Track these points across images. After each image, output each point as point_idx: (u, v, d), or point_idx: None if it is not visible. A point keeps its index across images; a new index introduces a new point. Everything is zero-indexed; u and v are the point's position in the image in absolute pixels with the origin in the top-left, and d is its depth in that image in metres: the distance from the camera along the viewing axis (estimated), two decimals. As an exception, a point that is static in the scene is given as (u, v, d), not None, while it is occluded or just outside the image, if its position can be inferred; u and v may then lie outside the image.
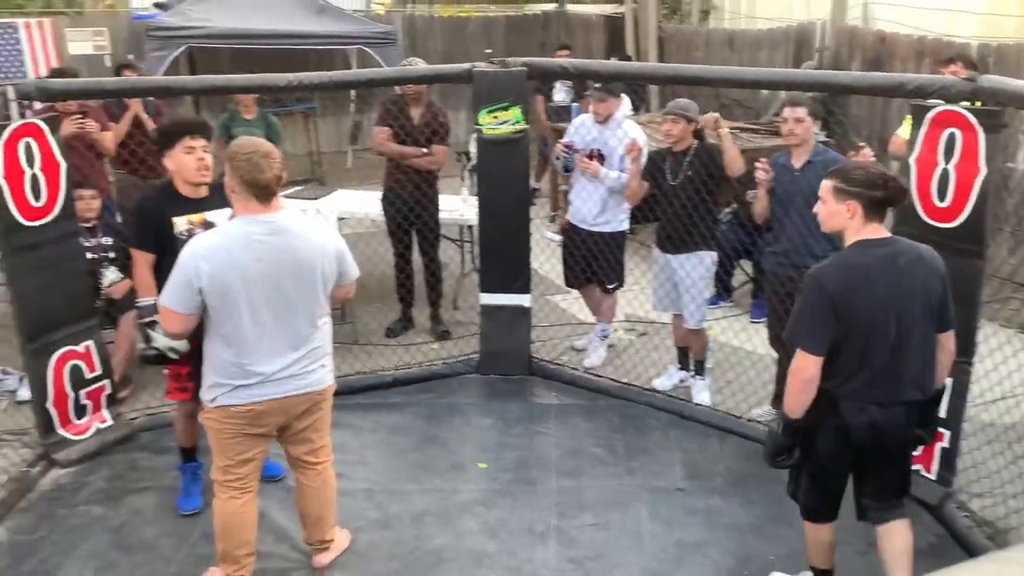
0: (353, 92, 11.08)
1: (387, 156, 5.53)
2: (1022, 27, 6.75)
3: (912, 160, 3.62)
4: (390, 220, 5.63)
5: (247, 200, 2.87)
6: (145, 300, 3.49)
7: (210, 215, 3.50)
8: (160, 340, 3.24)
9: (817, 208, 3.04)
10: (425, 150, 5.39)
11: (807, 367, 2.86)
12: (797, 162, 4.29)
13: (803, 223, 4.19)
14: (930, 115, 3.52)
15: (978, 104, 3.42)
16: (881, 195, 2.86)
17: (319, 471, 3.31)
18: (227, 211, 3.44)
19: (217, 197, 3.41)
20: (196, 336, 3.07)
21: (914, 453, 3.22)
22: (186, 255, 2.86)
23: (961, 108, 3.42)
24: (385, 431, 4.52)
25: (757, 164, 4.40)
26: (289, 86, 4.44)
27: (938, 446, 3.72)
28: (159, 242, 3.44)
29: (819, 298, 2.87)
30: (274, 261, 2.87)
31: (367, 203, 5.98)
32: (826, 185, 2.96)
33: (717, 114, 4.65)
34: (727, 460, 4.27)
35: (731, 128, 6.81)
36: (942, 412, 3.64)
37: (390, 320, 5.83)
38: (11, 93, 3.91)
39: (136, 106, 5.74)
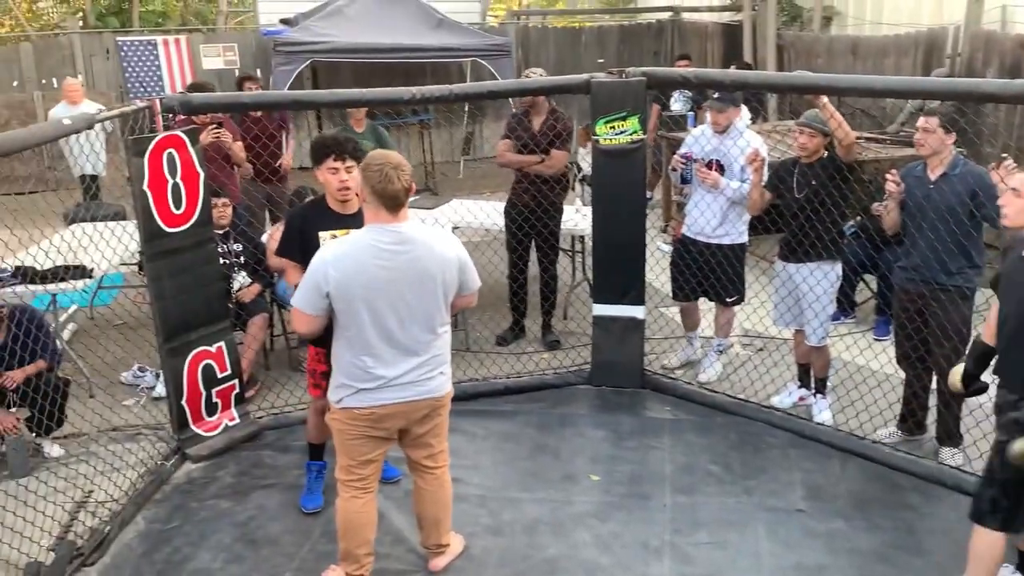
0: (467, 104, 11.28)
1: (507, 166, 5.63)
2: None
3: (1062, 172, 3.39)
4: (510, 230, 5.67)
5: (377, 209, 2.97)
6: None
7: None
8: None
9: (1005, 202, 2.87)
10: (542, 156, 5.43)
11: None
12: (933, 174, 4.10)
13: (937, 238, 4.00)
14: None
15: None
16: None
17: (437, 475, 3.37)
18: None
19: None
20: (327, 337, 3.19)
21: None
22: (316, 260, 3.00)
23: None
24: (497, 438, 4.56)
25: (887, 175, 4.23)
26: (414, 99, 4.55)
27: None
28: (303, 253, 3.50)
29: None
30: (398, 269, 2.96)
31: (480, 212, 6.06)
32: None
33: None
34: (850, 482, 4.10)
35: (856, 138, 6.59)
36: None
37: (501, 328, 5.88)
38: (157, 107, 4.13)
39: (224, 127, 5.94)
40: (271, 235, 5.26)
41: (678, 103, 8.52)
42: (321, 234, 3.57)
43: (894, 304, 4.46)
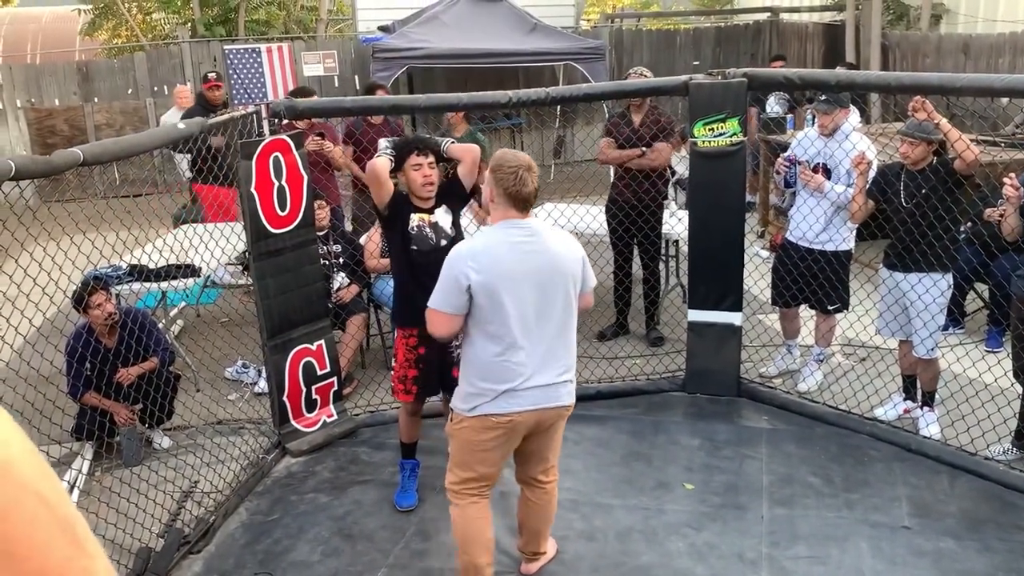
0: (558, 107, 11.29)
1: (609, 163, 5.71)
2: None
3: None
4: (612, 228, 5.73)
5: (507, 209, 2.96)
6: None
7: (435, 214, 3.86)
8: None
9: None
10: (644, 149, 5.42)
11: None
12: (1054, 178, 3.89)
13: (1060, 245, 3.79)
14: None
15: None
16: None
17: (547, 490, 3.30)
18: (444, 207, 3.87)
19: (439, 200, 3.84)
20: (428, 343, 3.21)
21: None
22: (452, 259, 2.95)
23: None
24: (590, 443, 4.53)
25: (1006, 179, 4.03)
26: (510, 103, 4.58)
27: None
28: (398, 221, 3.79)
29: None
30: (533, 262, 2.94)
31: (569, 218, 6.04)
32: None
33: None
34: (960, 500, 3.91)
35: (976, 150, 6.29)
36: None
37: (594, 331, 5.87)
38: (264, 111, 4.28)
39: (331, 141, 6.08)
40: (370, 236, 5.37)
41: (776, 106, 8.32)
42: (412, 215, 3.77)
43: (1012, 314, 4.24)
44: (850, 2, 10.21)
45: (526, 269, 2.92)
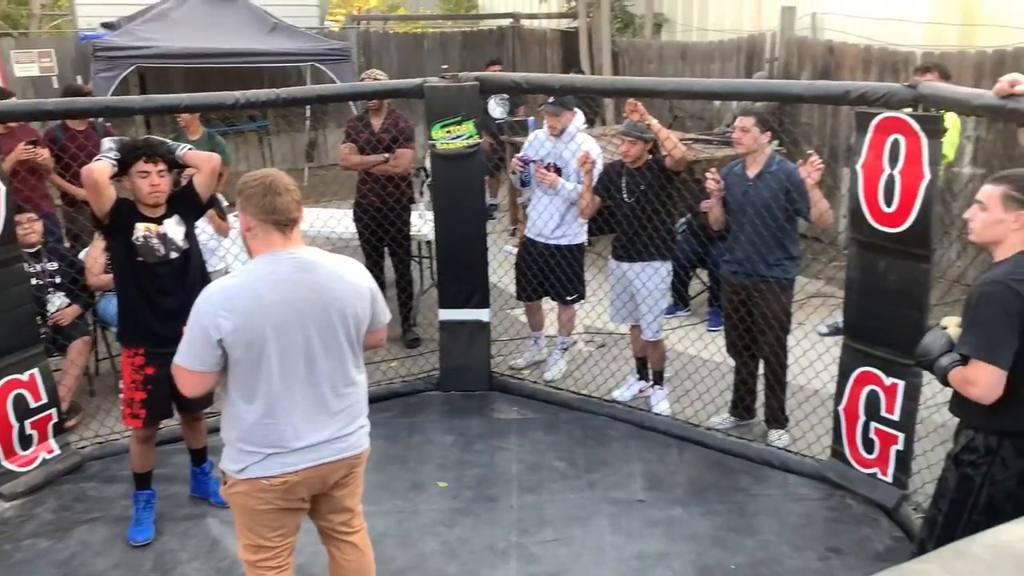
0: (308, 109, 11.03)
1: (352, 169, 5.64)
2: (963, 34, 6.91)
3: (859, 167, 3.67)
4: (361, 233, 5.67)
5: (267, 235, 2.54)
6: None
7: (164, 225, 3.60)
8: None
9: (971, 215, 2.69)
10: (386, 155, 5.41)
11: (994, 383, 2.53)
12: (751, 172, 4.33)
13: (756, 232, 4.23)
14: (874, 122, 3.57)
15: (920, 110, 3.48)
16: None
17: (355, 542, 2.92)
18: (176, 217, 3.61)
19: (170, 209, 3.60)
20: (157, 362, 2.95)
21: None
22: (201, 304, 2.50)
23: (904, 115, 3.48)
24: (343, 452, 4.44)
25: (707, 174, 4.44)
26: (237, 104, 4.38)
27: (892, 449, 3.75)
28: (121, 231, 3.52)
29: (1013, 308, 2.51)
30: (303, 302, 2.52)
31: (325, 221, 5.94)
32: (993, 191, 2.62)
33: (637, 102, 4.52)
34: (687, 469, 4.26)
35: (684, 139, 6.89)
36: (895, 414, 3.70)
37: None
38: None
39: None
40: (89, 253, 4.93)
41: (499, 108, 8.66)
42: (137, 225, 3.52)
43: (721, 296, 4.69)
44: (582, 10, 10.82)
45: (295, 311, 2.51)
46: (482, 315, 5.07)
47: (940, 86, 3.58)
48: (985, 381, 2.53)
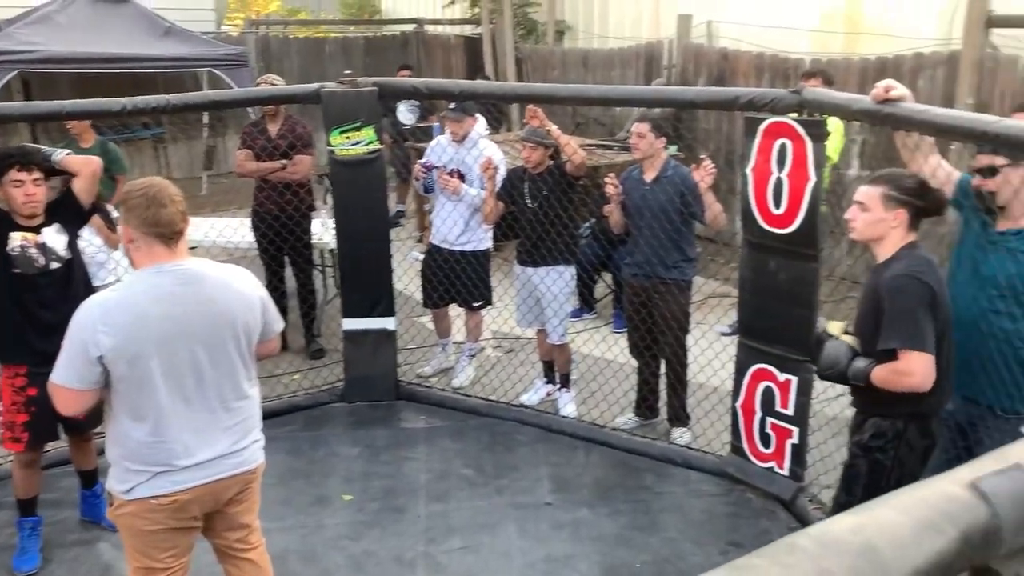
0: (206, 116, 10.73)
1: (248, 176, 5.51)
2: (848, 43, 7.23)
3: (748, 170, 3.79)
4: (259, 242, 5.54)
5: (150, 247, 2.46)
6: None
7: (43, 234, 3.45)
8: None
9: (852, 216, 2.80)
10: (284, 162, 5.30)
11: (930, 368, 2.64)
12: (648, 176, 4.42)
13: (654, 235, 4.32)
14: (762, 127, 3.70)
15: (804, 115, 3.61)
16: (925, 204, 2.73)
17: (254, 559, 2.84)
18: (56, 226, 3.47)
19: (49, 218, 3.46)
20: (40, 382, 2.79)
21: None
22: (79, 319, 2.40)
23: (789, 119, 3.61)
24: (245, 468, 4.32)
25: (606, 179, 4.51)
26: (125, 111, 4.22)
27: (788, 442, 3.88)
28: None
29: (926, 298, 2.65)
30: (189, 316, 2.46)
31: (220, 231, 5.76)
32: (872, 192, 2.74)
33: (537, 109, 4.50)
34: (593, 471, 4.31)
35: (586, 145, 6.98)
36: (789, 409, 3.83)
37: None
38: None
39: None
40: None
41: (409, 113, 8.62)
42: (13, 235, 3.38)
43: (623, 298, 4.77)
44: (485, 17, 10.86)
45: (181, 326, 2.44)
46: (388, 323, 5.02)
47: (823, 92, 3.73)
48: (921, 369, 2.64)
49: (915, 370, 2.65)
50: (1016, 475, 0.60)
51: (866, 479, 2.87)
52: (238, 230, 5.91)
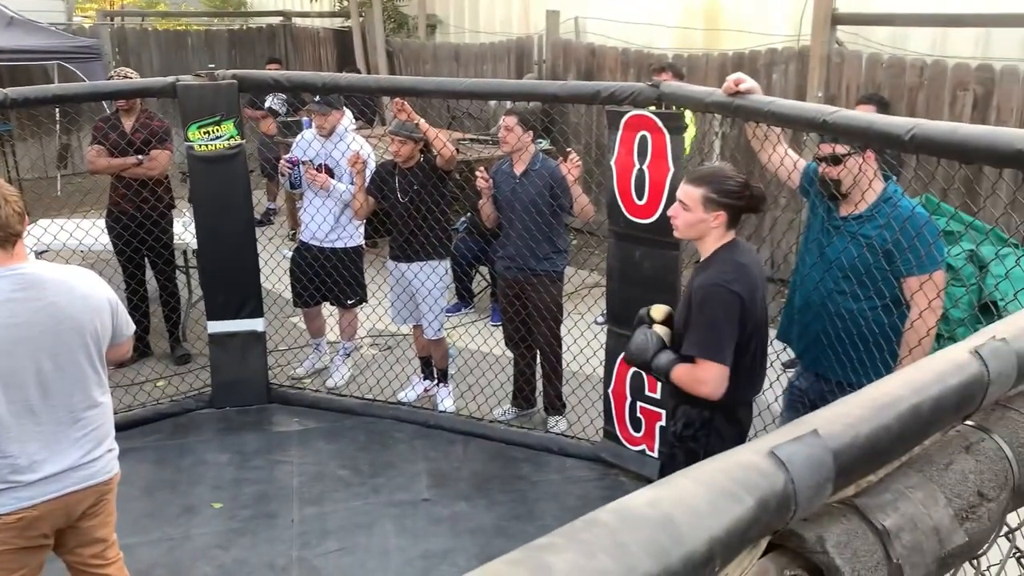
0: (58, 112, 10.10)
1: (101, 172, 5.22)
2: (708, 39, 7.51)
3: (612, 162, 3.87)
4: (115, 244, 5.29)
5: None
6: None
7: None
8: None
9: (675, 213, 2.80)
10: (140, 157, 5.05)
11: (723, 379, 2.68)
12: (518, 170, 4.44)
13: (525, 228, 4.35)
14: (624, 120, 3.78)
15: (662, 108, 3.72)
16: (744, 204, 2.73)
17: (111, 574, 2.73)
18: None
19: None
20: None
21: None
22: None
23: (649, 112, 3.71)
24: (105, 482, 4.10)
25: (477, 172, 4.51)
26: (-47, 106, 3.91)
27: (657, 425, 4.00)
28: None
29: (733, 307, 2.67)
30: (31, 324, 2.33)
31: (72, 233, 5.43)
32: (693, 193, 2.72)
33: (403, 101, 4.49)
34: (471, 464, 4.32)
35: (460, 139, 6.98)
36: (657, 393, 3.94)
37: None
38: None
39: None
40: None
41: (274, 107, 8.41)
42: None
43: (498, 291, 4.79)
44: (354, 10, 10.69)
45: (18, 335, 2.31)
46: (256, 325, 4.87)
47: (679, 85, 3.85)
48: (713, 378, 2.67)
49: (707, 379, 2.69)
50: (812, 440, 0.63)
51: (684, 467, 2.95)
52: (91, 232, 5.59)
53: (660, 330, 2.83)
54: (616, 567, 0.51)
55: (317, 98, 4.97)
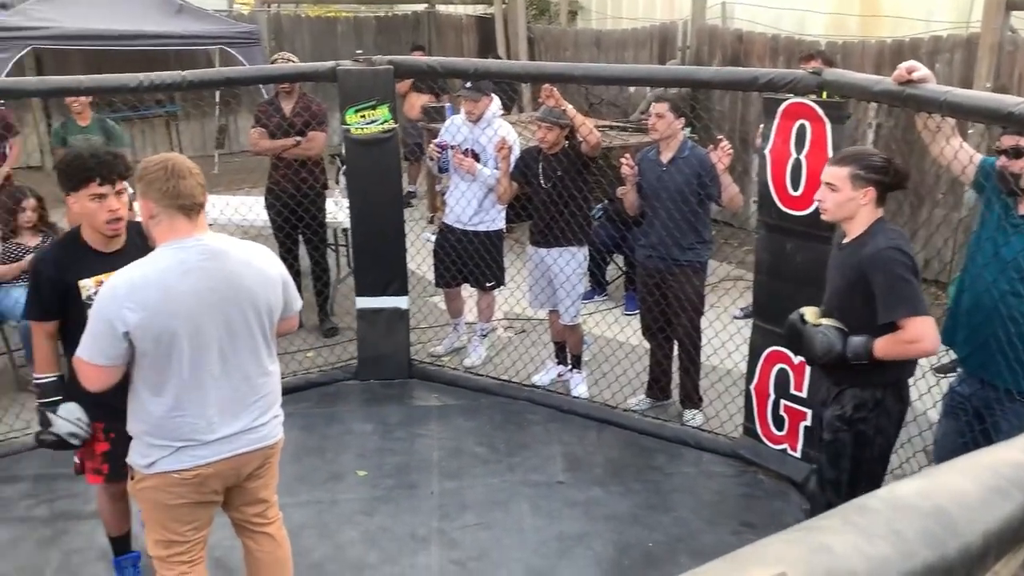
0: (217, 94, 10.70)
1: (263, 154, 5.52)
2: (864, 25, 7.17)
3: (767, 151, 3.77)
4: (274, 220, 5.56)
5: (172, 220, 2.45)
6: (45, 377, 2.91)
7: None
8: (60, 424, 2.83)
9: (822, 196, 2.84)
10: (298, 138, 5.31)
11: (935, 330, 2.70)
12: (665, 157, 4.40)
13: (670, 217, 4.30)
14: (781, 108, 3.68)
15: (824, 96, 3.59)
16: (891, 180, 2.78)
17: (271, 533, 2.86)
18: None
19: (134, 248, 2.85)
20: (109, 413, 2.71)
21: None
22: (105, 295, 2.40)
23: (809, 100, 3.58)
24: (259, 444, 4.35)
25: (622, 160, 4.49)
26: (141, 87, 4.22)
27: (801, 425, 3.89)
28: (62, 310, 2.85)
29: (910, 266, 2.71)
30: (214, 291, 2.45)
31: (236, 208, 5.77)
32: (839, 173, 2.78)
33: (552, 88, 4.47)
34: (605, 451, 4.33)
35: (600, 126, 6.95)
36: (803, 391, 3.83)
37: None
38: None
39: None
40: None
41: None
42: (83, 283, 2.84)
43: (637, 280, 4.76)
44: (497, -4, 10.80)
45: (205, 301, 2.43)
46: (400, 302, 5.03)
47: (842, 72, 3.70)
48: (927, 332, 2.68)
49: (920, 335, 2.68)
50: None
51: (852, 450, 2.91)
52: (252, 208, 5.94)
53: (828, 322, 2.80)
54: (894, 553, 0.51)
55: (468, 84, 5.07)
